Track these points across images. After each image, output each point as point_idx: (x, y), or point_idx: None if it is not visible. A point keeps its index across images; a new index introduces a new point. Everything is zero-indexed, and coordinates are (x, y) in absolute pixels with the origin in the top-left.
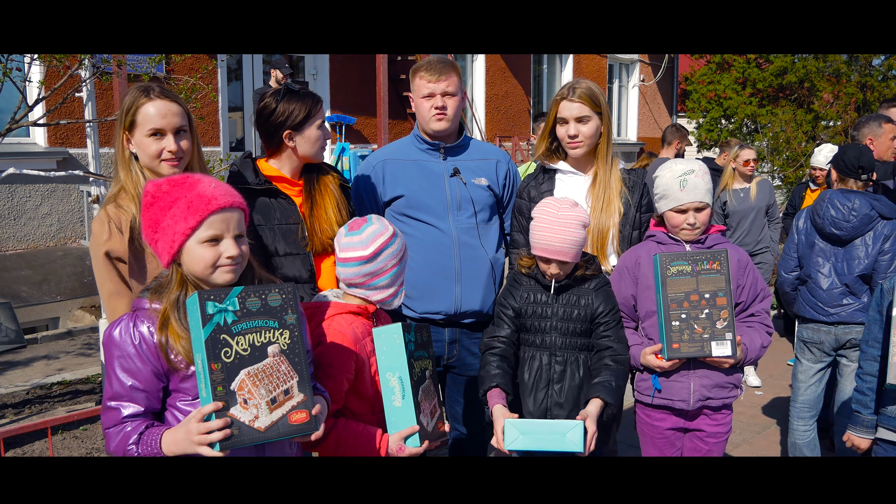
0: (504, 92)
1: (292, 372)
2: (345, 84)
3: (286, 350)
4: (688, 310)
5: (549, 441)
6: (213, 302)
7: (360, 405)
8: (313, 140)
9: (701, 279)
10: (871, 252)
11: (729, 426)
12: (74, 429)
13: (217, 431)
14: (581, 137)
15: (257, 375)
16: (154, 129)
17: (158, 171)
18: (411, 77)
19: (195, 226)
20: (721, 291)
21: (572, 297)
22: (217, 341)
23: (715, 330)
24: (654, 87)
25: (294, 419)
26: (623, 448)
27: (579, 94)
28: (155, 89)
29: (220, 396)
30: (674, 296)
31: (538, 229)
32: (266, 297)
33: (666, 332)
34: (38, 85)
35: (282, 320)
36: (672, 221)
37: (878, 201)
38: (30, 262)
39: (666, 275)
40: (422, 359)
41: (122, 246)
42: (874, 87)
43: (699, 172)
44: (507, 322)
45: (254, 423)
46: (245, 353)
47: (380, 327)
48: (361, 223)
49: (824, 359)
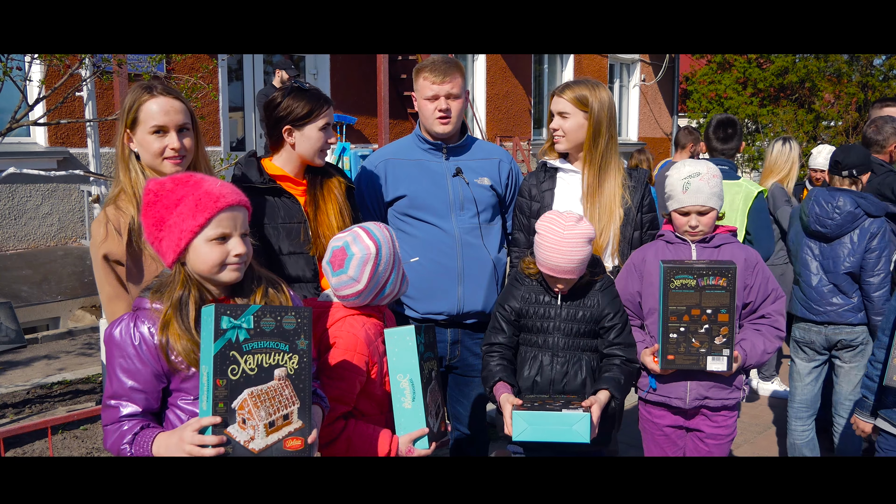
0: (505, 92)
1: (295, 398)
2: (345, 84)
3: (292, 375)
4: (687, 323)
5: (556, 433)
6: (229, 317)
7: (370, 405)
8: (312, 140)
9: (704, 295)
10: (857, 249)
11: (731, 429)
12: (75, 428)
13: (211, 447)
14: (561, 132)
15: (259, 397)
16: (157, 125)
17: (161, 169)
18: (415, 77)
19: (203, 223)
20: (724, 308)
21: (577, 297)
22: (226, 357)
23: (712, 345)
24: (654, 86)
25: (289, 445)
26: (624, 448)
27: (566, 89)
28: (158, 87)
29: (220, 413)
30: (674, 309)
31: (544, 248)
32: (282, 319)
33: (663, 342)
34: (38, 84)
35: (293, 344)
36: (676, 222)
37: (864, 199)
38: (30, 262)
39: (669, 287)
40: (429, 360)
41: (119, 248)
42: (875, 87)
43: (705, 176)
44: (505, 326)
45: (248, 444)
46: (251, 373)
47: (392, 329)
48: (342, 258)
49: (817, 358)
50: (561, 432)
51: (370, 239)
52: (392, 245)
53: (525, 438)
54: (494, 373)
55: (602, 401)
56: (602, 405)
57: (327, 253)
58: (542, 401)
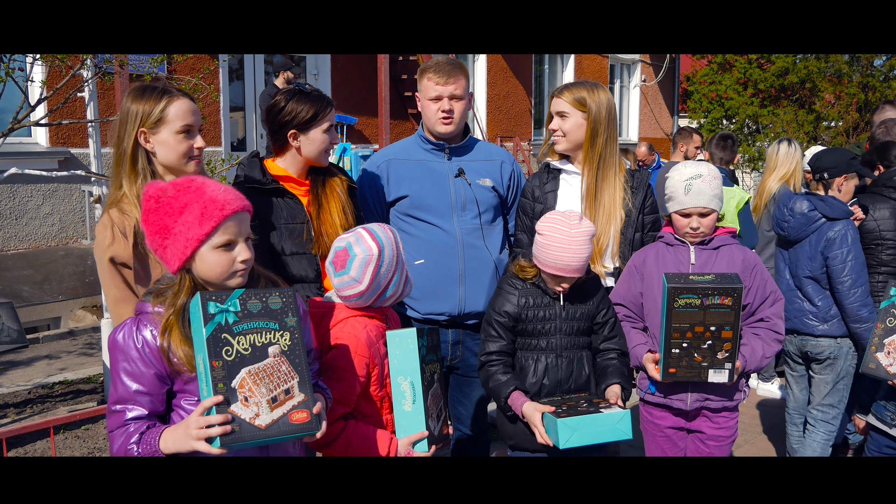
0: (505, 92)
1: (293, 372)
2: (346, 84)
3: (287, 351)
4: (690, 339)
5: (601, 434)
6: (215, 302)
7: (370, 406)
8: (317, 143)
9: (709, 314)
10: (815, 254)
11: (732, 430)
12: (76, 428)
13: (217, 426)
14: (560, 132)
15: (258, 374)
16: (186, 125)
17: (185, 169)
18: (419, 77)
19: (210, 231)
20: (728, 325)
21: (576, 296)
22: (218, 339)
23: (714, 359)
24: (655, 87)
25: (295, 418)
26: (624, 448)
27: (565, 91)
28: (173, 89)
29: (221, 393)
30: (678, 326)
31: (551, 249)
32: (267, 299)
33: (664, 356)
34: (40, 85)
35: (282, 322)
36: (677, 224)
37: (822, 202)
38: (31, 262)
39: (673, 306)
40: (431, 362)
41: (126, 251)
42: (876, 88)
43: (707, 178)
44: (502, 333)
45: (254, 421)
46: (246, 353)
47: (394, 331)
48: (344, 258)
49: (797, 367)
50: (606, 433)
51: (373, 240)
52: (395, 247)
53: (573, 444)
54: (506, 382)
55: (619, 394)
56: (619, 398)
57: (330, 253)
58: (567, 403)
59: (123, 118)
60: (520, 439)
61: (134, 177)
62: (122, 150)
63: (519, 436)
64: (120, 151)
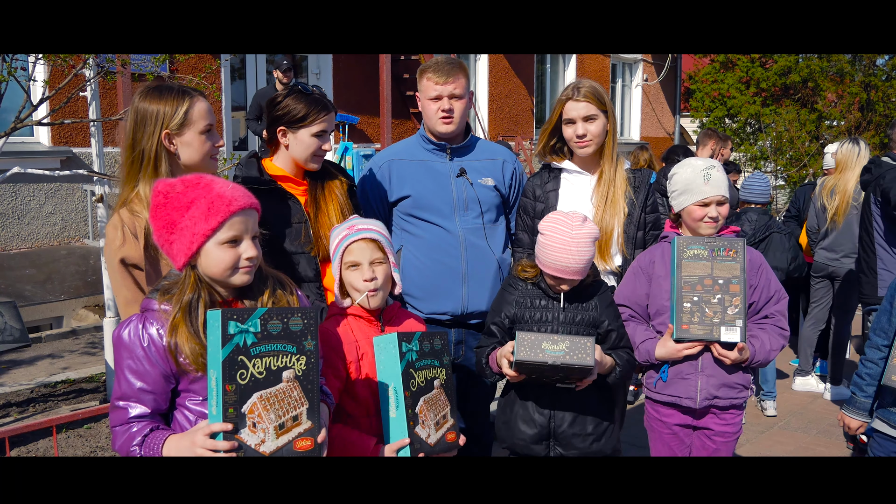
0: (507, 91)
1: (303, 399)
2: (348, 84)
3: (300, 376)
4: (700, 293)
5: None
6: (236, 322)
7: (356, 408)
8: (304, 144)
9: (716, 265)
10: None
11: (738, 426)
12: (79, 427)
13: (222, 452)
14: (589, 136)
15: (269, 399)
16: (209, 124)
17: (209, 169)
18: (419, 77)
19: (216, 227)
20: (735, 279)
21: (577, 300)
22: (234, 362)
23: (725, 315)
24: (657, 86)
25: (299, 446)
26: (627, 448)
27: (584, 93)
28: (189, 88)
29: (231, 418)
30: (688, 278)
31: (551, 249)
32: (288, 321)
33: (677, 313)
34: (42, 84)
35: (300, 346)
36: (694, 215)
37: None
38: (34, 261)
39: (682, 257)
40: (429, 368)
41: (137, 252)
42: (878, 87)
43: (719, 168)
44: (496, 334)
45: (259, 448)
46: (260, 377)
47: (379, 336)
48: None
49: None
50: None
51: None
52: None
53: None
54: (487, 349)
55: (606, 357)
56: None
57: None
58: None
59: (142, 119)
60: (512, 441)
61: (154, 178)
62: (141, 151)
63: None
64: (136, 153)
